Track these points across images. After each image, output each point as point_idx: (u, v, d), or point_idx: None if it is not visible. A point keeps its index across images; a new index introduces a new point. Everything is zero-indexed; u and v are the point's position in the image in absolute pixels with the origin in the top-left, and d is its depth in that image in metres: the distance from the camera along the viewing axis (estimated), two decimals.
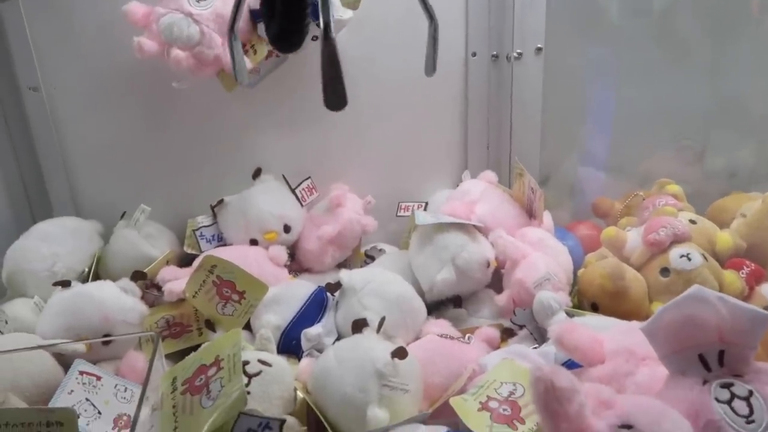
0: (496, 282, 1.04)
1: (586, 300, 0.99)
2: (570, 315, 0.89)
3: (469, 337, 0.91)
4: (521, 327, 0.93)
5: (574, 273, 1.05)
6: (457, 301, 1.01)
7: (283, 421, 0.57)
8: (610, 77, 1.29)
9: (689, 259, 0.95)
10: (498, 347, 0.91)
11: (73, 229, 1.09)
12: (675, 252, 0.96)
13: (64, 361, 0.86)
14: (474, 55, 1.22)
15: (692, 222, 1.06)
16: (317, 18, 0.73)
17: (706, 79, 1.30)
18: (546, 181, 1.30)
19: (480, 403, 0.70)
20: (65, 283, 0.96)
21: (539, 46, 1.18)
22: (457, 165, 1.30)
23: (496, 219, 1.07)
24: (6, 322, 0.93)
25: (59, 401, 0.79)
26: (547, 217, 1.08)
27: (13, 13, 1.04)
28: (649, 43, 1.27)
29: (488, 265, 1.01)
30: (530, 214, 1.12)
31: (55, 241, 1.05)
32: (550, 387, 0.52)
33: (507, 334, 0.94)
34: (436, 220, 1.02)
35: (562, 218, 1.22)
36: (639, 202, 1.20)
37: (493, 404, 0.70)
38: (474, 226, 1.04)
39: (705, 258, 0.97)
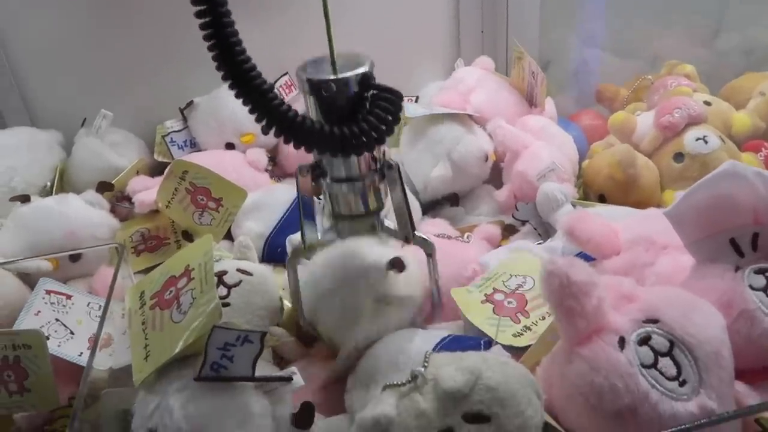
0: (496, 177, 0.96)
1: (593, 192, 0.92)
2: (576, 208, 0.82)
3: (468, 236, 0.84)
4: (524, 222, 0.86)
5: (580, 164, 0.98)
6: (453, 199, 0.95)
7: (264, 334, 0.51)
8: None
9: (706, 142, 0.87)
10: (499, 245, 0.85)
11: (29, 140, 1.00)
12: (690, 135, 0.88)
13: (30, 281, 0.80)
14: None
15: (707, 104, 0.97)
16: None
17: None
18: (546, 66, 1.19)
19: (485, 295, 0.65)
20: (24, 198, 0.88)
21: None
22: (449, 53, 1.19)
23: (494, 108, 0.98)
24: None
25: (25, 323, 0.73)
26: (549, 104, 0.99)
27: None
28: None
29: (486, 158, 0.93)
30: (531, 102, 1.03)
31: (10, 155, 0.96)
32: (566, 281, 0.45)
33: (508, 231, 0.88)
34: (429, 111, 0.92)
35: (564, 107, 1.12)
36: (647, 86, 1.11)
37: (498, 297, 0.64)
38: (470, 116, 0.95)
39: (722, 140, 0.89)
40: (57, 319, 0.76)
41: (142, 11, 1.03)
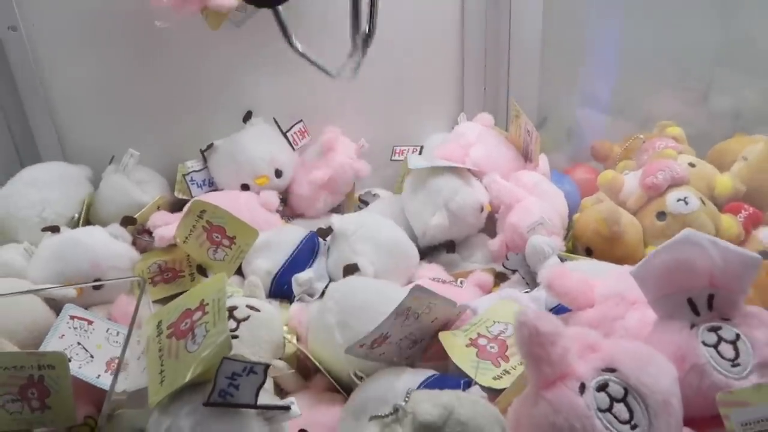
0: (490, 227, 1.03)
1: (581, 244, 0.98)
2: (563, 259, 0.88)
3: (461, 282, 0.91)
4: (514, 271, 0.92)
5: (571, 217, 1.04)
6: (450, 246, 1.00)
7: (267, 366, 0.57)
8: (612, 15, 1.24)
9: (686, 203, 0.94)
10: (490, 291, 0.91)
11: (61, 174, 1.08)
12: (672, 195, 0.95)
13: (56, 306, 0.86)
14: None
15: (692, 165, 1.04)
16: None
17: (712, 17, 1.25)
18: (544, 123, 1.27)
19: (469, 339, 0.71)
20: (54, 229, 0.96)
21: None
22: (453, 107, 1.27)
23: (492, 162, 1.05)
24: None
25: (50, 345, 0.80)
26: (543, 161, 1.06)
27: None
28: None
29: (482, 209, 0.99)
30: (526, 158, 1.10)
31: (44, 187, 1.04)
32: (534, 331, 0.51)
33: (500, 278, 0.94)
34: (430, 164, 1.00)
35: (559, 161, 1.20)
36: (639, 145, 1.18)
37: (482, 341, 0.70)
38: (468, 169, 1.02)
39: (702, 202, 0.95)
40: (79, 343, 0.82)
41: (169, 62, 1.12)
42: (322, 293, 0.89)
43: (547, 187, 1.01)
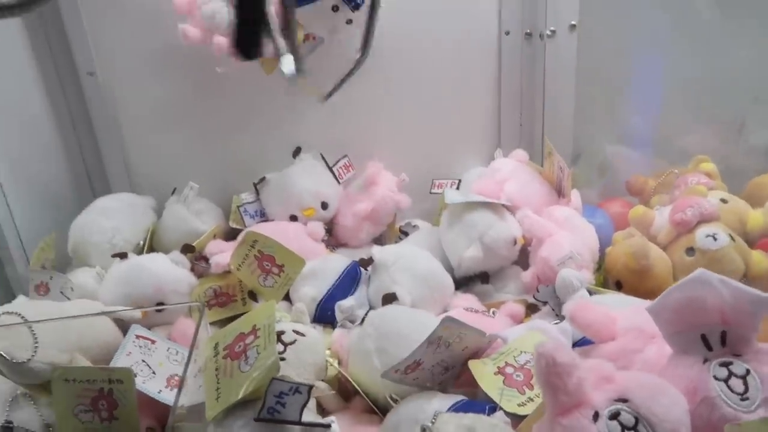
0: (524, 259, 1.07)
1: (612, 278, 1.01)
2: (591, 293, 0.92)
3: (493, 312, 0.96)
4: (544, 303, 0.96)
5: (603, 250, 1.07)
6: (484, 276, 1.05)
7: (311, 387, 0.64)
8: (645, 53, 1.28)
9: (715, 239, 0.96)
10: (521, 322, 0.95)
11: (129, 204, 1.18)
12: (701, 232, 0.97)
13: (123, 326, 0.96)
14: (507, 33, 1.23)
15: (723, 201, 1.06)
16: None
17: (748, 51, 1.27)
18: (578, 158, 1.31)
19: (497, 367, 0.75)
20: (123, 255, 1.06)
21: (573, 23, 1.18)
22: (490, 142, 1.33)
23: (525, 197, 1.10)
24: (72, 289, 1.03)
25: (119, 362, 0.88)
26: (575, 196, 1.10)
27: (70, 4, 1.12)
28: (688, 16, 1.25)
29: (515, 242, 1.04)
30: (559, 193, 1.14)
31: (114, 216, 1.14)
32: (551, 362, 0.56)
33: (531, 309, 0.98)
34: (465, 199, 1.05)
35: (593, 196, 1.23)
36: (673, 179, 1.20)
37: (509, 370, 0.75)
38: (502, 204, 1.07)
39: (732, 238, 0.97)
40: (143, 360, 0.91)
41: (227, 103, 1.23)
42: (363, 320, 0.96)
43: (578, 221, 1.05)
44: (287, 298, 1.04)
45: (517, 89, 1.28)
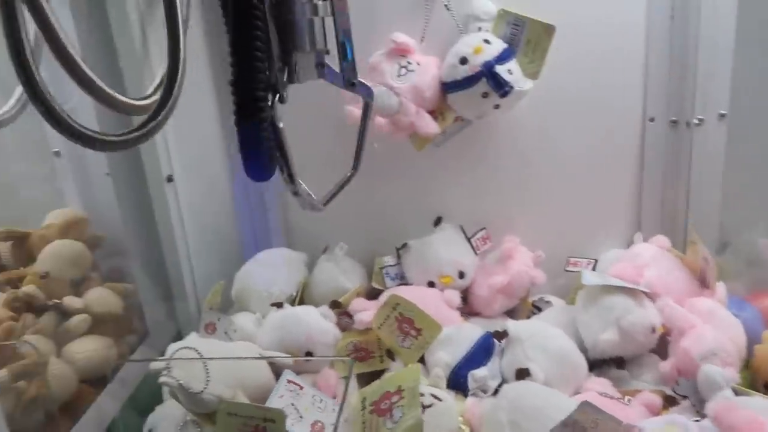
0: (662, 348, 1.05)
1: (761, 378, 0.97)
2: (736, 393, 0.89)
3: (628, 400, 0.95)
4: (684, 397, 0.94)
5: (751, 347, 1.03)
6: (619, 361, 1.05)
7: None
8: None
9: None
10: (658, 414, 0.94)
11: (286, 258, 1.32)
12: None
13: (275, 369, 1.07)
14: (652, 120, 1.25)
15: None
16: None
17: None
18: (725, 247, 1.27)
19: None
20: (279, 305, 1.18)
21: (722, 112, 1.18)
22: (628, 225, 1.33)
23: (666, 285, 1.09)
24: (235, 331, 1.17)
25: (272, 402, 0.99)
26: (720, 288, 1.07)
27: None
28: None
29: (653, 330, 1.03)
30: (702, 283, 1.12)
31: (274, 268, 1.29)
32: None
33: (668, 402, 0.96)
34: (603, 282, 1.07)
35: (741, 288, 1.19)
36: None
37: None
38: (642, 291, 1.07)
39: None
40: (292, 404, 1.01)
41: (378, 173, 1.30)
42: (495, 391, 1.00)
43: (723, 315, 1.02)
44: (421, 360, 1.10)
45: (660, 175, 1.28)
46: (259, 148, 0.57)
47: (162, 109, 0.67)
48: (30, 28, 0.52)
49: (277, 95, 0.58)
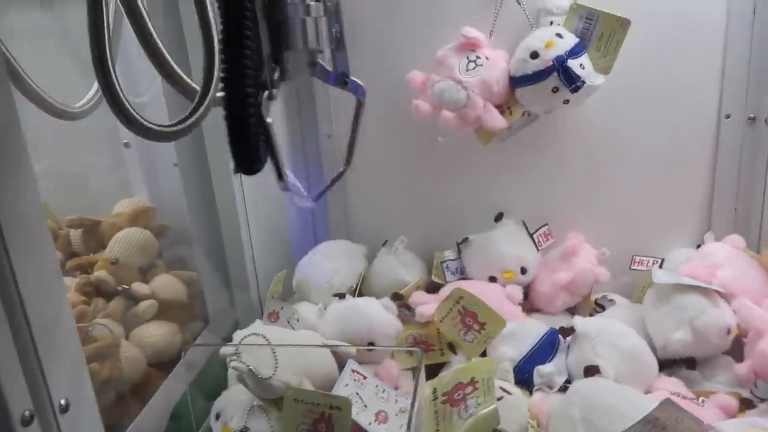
0: (737, 349, 1.02)
1: None
2: None
3: (702, 401, 0.93)
4: (762, 400, 0.91)
5: None
6: (690, 362, 1.02)
7: None
8: None
9: None
10: (733, 416, 0.91)
11: (347, 250, 1.33)
12: None
13: (338, 359, 1.08)
14: (728, 117, 1.21)
15: None
16: None
17: None
18: None
19: None
20: (341, 296, 1.19)
21: None
22: (698, 224, 1.29)
23: (741, 285, 1.05)
24: (297, 320, 1.18)
25: (338, 391, 1.00)
26: None
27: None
28: None
29: (728, 331, 1.00)
30: None
31: (334, 259, 1.30)
32: None
33: (745, 405, 0.93)
34: (676, 281, 1.04)
35: None
36: None
37: None
38: (715, 290, 1.04)
39: None
40: (357, 393, 1.02)
41: (441, 166, 1.34)
42: (561, 387, 0.98)
43: None
44: (483, 355, 1.09)
45: (734, 174, 1.24)
46: (247, 143, 0.58)
47: (204, 99, 0.67)
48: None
49: (266, 92, 0.59)
